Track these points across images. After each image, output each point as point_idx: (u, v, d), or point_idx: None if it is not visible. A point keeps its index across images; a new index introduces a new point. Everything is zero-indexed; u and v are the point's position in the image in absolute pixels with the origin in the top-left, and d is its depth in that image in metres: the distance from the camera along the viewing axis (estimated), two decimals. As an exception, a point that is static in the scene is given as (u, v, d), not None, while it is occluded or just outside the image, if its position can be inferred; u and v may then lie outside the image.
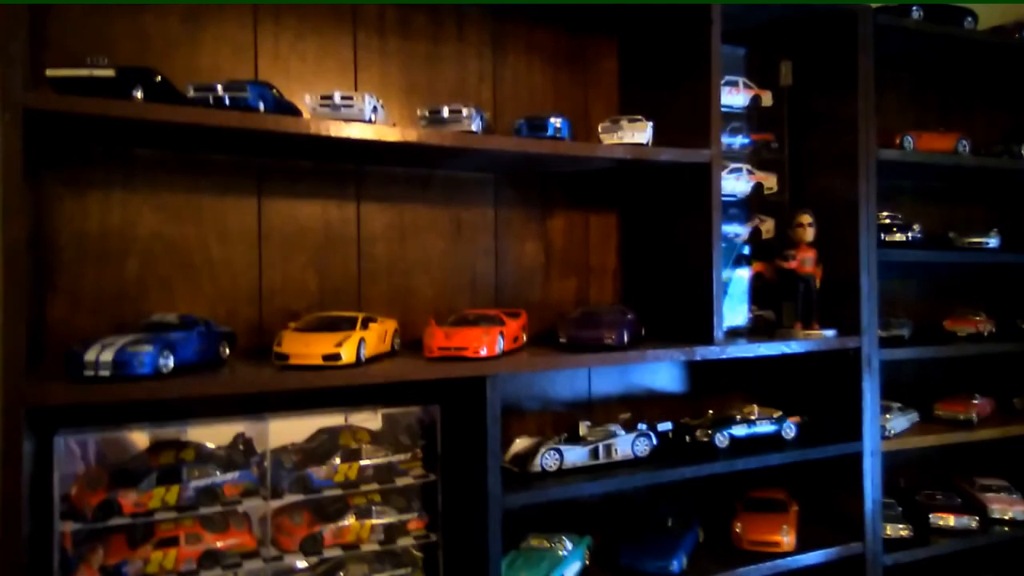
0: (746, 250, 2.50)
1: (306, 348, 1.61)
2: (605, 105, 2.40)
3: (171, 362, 1.49)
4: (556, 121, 1.88)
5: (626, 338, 1.97)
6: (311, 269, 1.98)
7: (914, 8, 2.42)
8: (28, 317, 1.50)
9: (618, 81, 2.41)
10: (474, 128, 1.78)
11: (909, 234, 2.47)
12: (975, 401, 2.64)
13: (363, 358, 1.67)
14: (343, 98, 1.64)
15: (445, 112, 1.77)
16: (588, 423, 2.16)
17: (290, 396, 1.76)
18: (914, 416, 2.60)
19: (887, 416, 2.46)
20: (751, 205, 2.49)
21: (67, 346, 1.47)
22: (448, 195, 2.16)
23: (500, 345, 1.82)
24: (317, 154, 1.90)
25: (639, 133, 1.98)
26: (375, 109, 1.68)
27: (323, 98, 1.63)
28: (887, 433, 2.41)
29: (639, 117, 2.03)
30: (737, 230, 2.47)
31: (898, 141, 2.44)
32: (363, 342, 1.68)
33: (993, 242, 2.61)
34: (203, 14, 1.85)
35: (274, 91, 1.65)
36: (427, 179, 2.13)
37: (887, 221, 2.49)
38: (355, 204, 2.03)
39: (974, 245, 2.61)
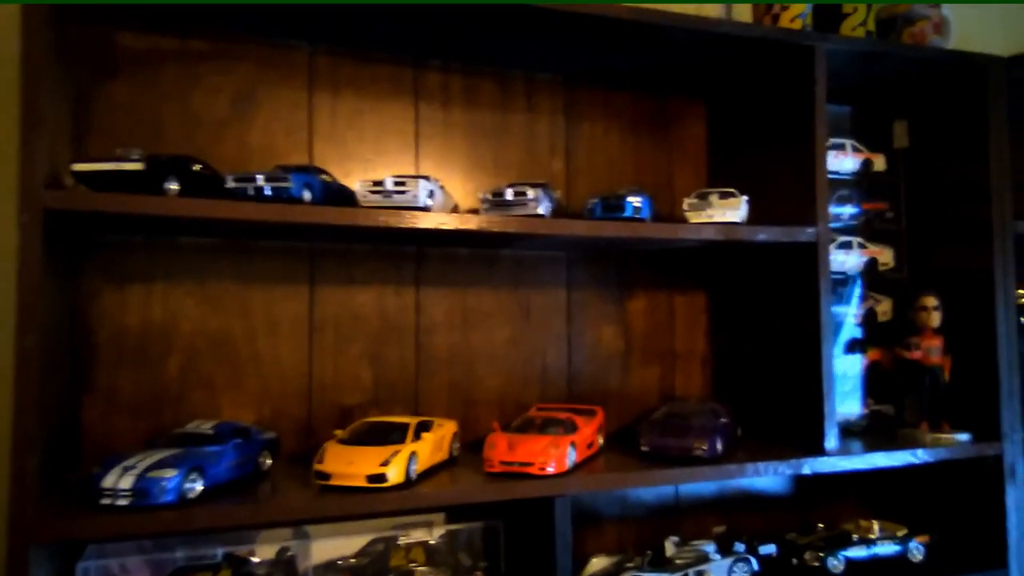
0: (859, 333, 2.19)
1: (349, 467, 1.42)
2: (692, 173, 2.16)
3: (199, 485, 1.33)
4: (635, 200, 1.66)
5: (720, 446, 1.70)
6: (365, 361, 1.81)
7: (1056, 57, 2.09)
8: (60, 421, 1.38)
9: (706, 147, 2.17)
10: (541, 211, 1.58)
11: (1057, 317, 2.09)
12: None
13: (414, 475, 1.46)
14: (396, 183, 1.46)
15: (509, 195, 1.58)
16: (676, 539, 1.89)
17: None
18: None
19: (1036, 534, 2.06)
20: (865, 283, 2.17)
21: (103, 452, 1.32)
22: (515, 277, 1.96)
23: (572, 458, 1.58)
24: (373, 239, 1.73)
25: (731, 211, 1.73)
26: (431, 193, 1.50)
27: (374, 184, 1.46)
28: (1037, 556, 2.01)
29: (732, 191, 1.78)
30: (849, 311, 2.16)
31: (1040, 210, 2.09)
32: (414, 456, 1.48)
33: None
34: (256, 92, 1.74)
35: (324, 176, 1.50)
36: (492, 260, 1.93)
37: (1028, 301, 2.12)
38: (414, 289, 1.85)
39: None
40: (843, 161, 2.10)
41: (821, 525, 2.03)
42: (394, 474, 1.41)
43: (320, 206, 1.41)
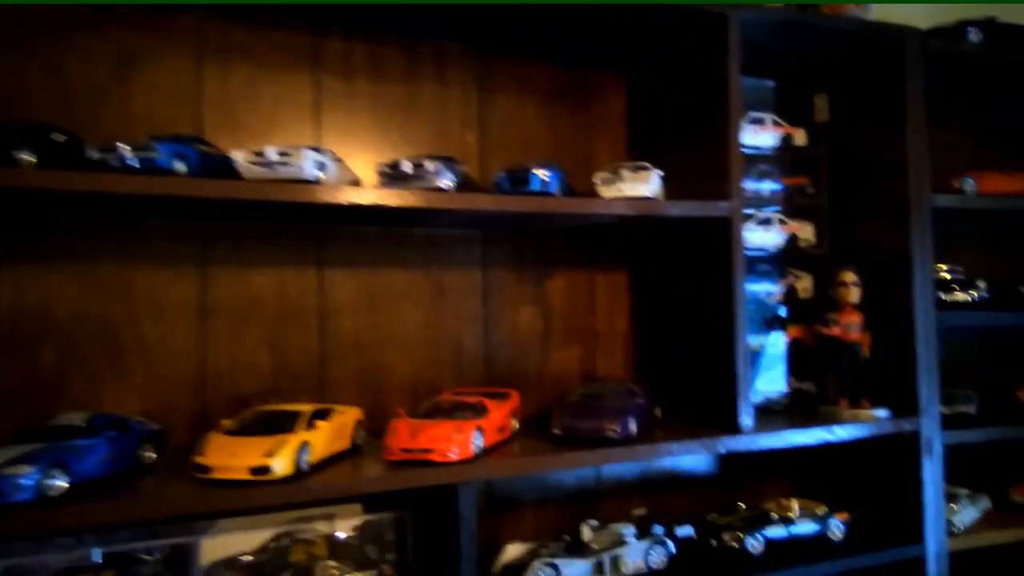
0: (781, 311, 2.16)
1: (232, 459, 1.32)
2: (613, 149, 2.10)
3: (62, 482, 1.22)
4: (542, 173, 1.59)
5: (633, 427, 1.65)
6: (264, 348, 1.71)
7: (970, 30, 2.08)
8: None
9: (627, 122, 2.11)
10: (443, 184, 1.50)
11: (973, 292, 2.10)
12: (1060, 486, 2.24)
13: (305, 466, 1.37)
14: (280, 154, 1.36)
15: (407, 167, 1.49)
16: (594, 523, 1.83)
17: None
18: (985, 504, 2.20)
19: (953, 507, 2.07)
20: (784, 259, 2.15)
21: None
22: (428, 256, 1.88)
23: (478, 442, 1.52)
24: (266, 216, 1.63)
25: (643, 184, 1.67)
26: (322, 166, 1.41)
27: (255, 154, 1.36)
28: (954, 529, 2.02)
29: (644, 165, 1.72)
30: (768, 289, 2.13)
31: (957, 184, 2.09)
32: (306, 446, 1.39)
33: (1074, 299, 2.22)
34: (137, 58, 1.61)
35: (203, 147, 1.39)
36: (402, 238, 1.85)
37: (947, 277, 2.13)
38: (317, 270, 1.76)
39: (1051, 303, 2.22)
40: (763, 136, 2.06)
41: (743, 505, 2.00)
42: (281, 465, 1.33)
43: (191, 178, 1.30)
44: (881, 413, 1.91)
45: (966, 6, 2.27)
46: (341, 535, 1.66)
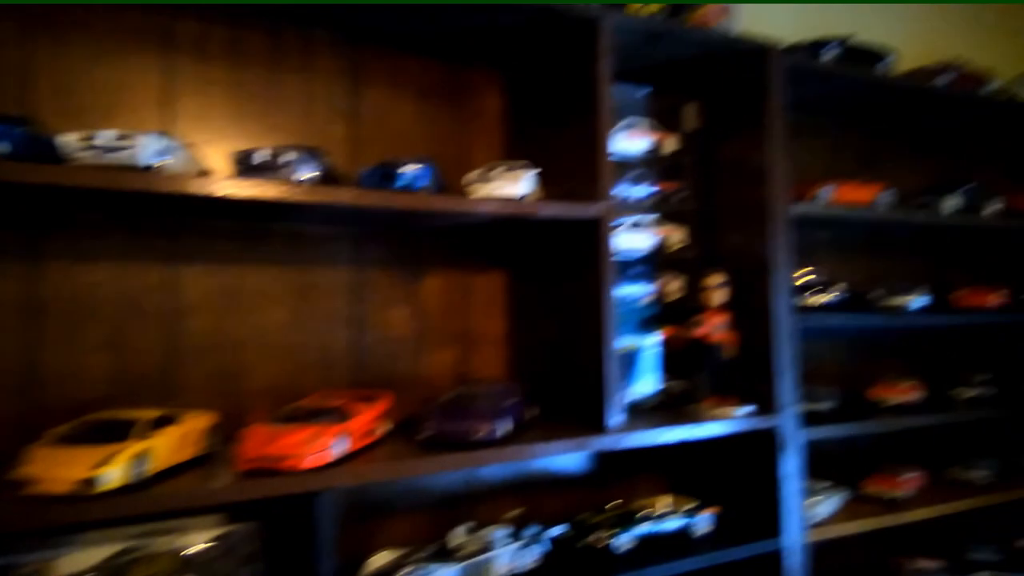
0: (655, 313, 2.20)
1: (58, 470, 1.20)
2: (491, 148, 2.08)
3: None
4: (412, 169, 1.54)
5: (504, 429, 1.63)
6: (104, 350, 1.57)
7: (828, 47, 2.20)
8: None
9: (504, 121, 2.10)
10: (303, 177, 1.42)
11: (830, 295, 2.21)
12: (905, 476, 2.39)
13: (143, 476, 1.27)
14: (119, 139, 1.26)
15: (261, 157, 1.41)
16: (468, 526, 1.80)
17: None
18: (843, 495, 2.32)
19: (813, 500, 2.17)
20: (657, 263, 2.19)
21: None
22: (292, 254, 1.79)
23: (339, 448, 1.45)
24: (101, 207, 1.50)
25: (514, 185, 1.66)
26: (162, 153, 1.30)
27: (84, 139, 1.24)
28: (813, 520, 2.12)
29: (518, 165, 1.71)
30: (642, 291, 2.17)
31: (812, 194, 2.20)
32: (145, 455, 1.29)
33: (918, 302, 2.38)
34: (-44, 30, 1.46)
35: (28, 128, 1.26)
36: (263, 234, 1.75)
37: (806, 280, 2.23)
38: (165, 266, 1.64)
39: (899, 306, 2.38)
40: (636, 141, 2.10)
41: (614, 503, 2.02)
42: (114, 476, 1.22)
43: (15, 162, 1.18)
44: (744, 411, 1.97)
45: (825, 23, 2.41)
46: (194, 549, 1.55)
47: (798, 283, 2.18)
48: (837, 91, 2.35)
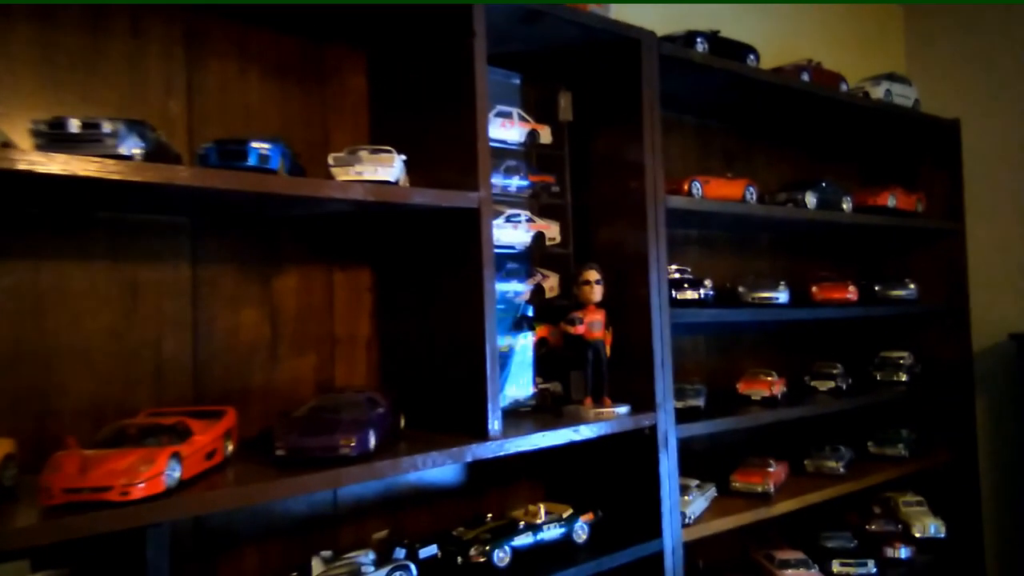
0: (530, 311, 2.10)
1: None
2: (354, 133, 1.90)
3: None
4: (262, 147, 1.34)
5: (372, 442, 1.46)
6: None
7: (699, 39, 2.20)
8: None
9: (369, 103, 1.92)
10: (124, 151, 1.19)
11: (701, 291, 2.21)
12: (771, 469, 2.44)
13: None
14: None
15: (73, 127, 1.16)
16: (328, 554, 1.61)
17: None
18: (712, 492, 2.33)
19: (686, 498, 2.15)
20: (532, 258, 2.10)
21: None
22: (116, 247, 1.52)
23: (175, 474, 1.22)
24: None
25: (383, 169, 1.49)
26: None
27: None
28: (687, 520, 2.10)
29: (386, 148, 1.55)
30: (516, 288, 2.07)
31: (687, 187, 2.19)
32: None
33: (782, 297, 2.45)
34: None
35: None
36: (80, 223, 1.48)
37: (677, 276, 2.22)
38: (-50, 262, 1.33)
39: (764, 301, 2.43)
40: (510, 130, 1.99)
41: (490, 515, 1.90)
42: None
43: None
44: (622, 410, 1.91)
45: (692, 20, 2.42)
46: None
47: (670, 279, 2.16)
48: (705, 85, 2.36)
